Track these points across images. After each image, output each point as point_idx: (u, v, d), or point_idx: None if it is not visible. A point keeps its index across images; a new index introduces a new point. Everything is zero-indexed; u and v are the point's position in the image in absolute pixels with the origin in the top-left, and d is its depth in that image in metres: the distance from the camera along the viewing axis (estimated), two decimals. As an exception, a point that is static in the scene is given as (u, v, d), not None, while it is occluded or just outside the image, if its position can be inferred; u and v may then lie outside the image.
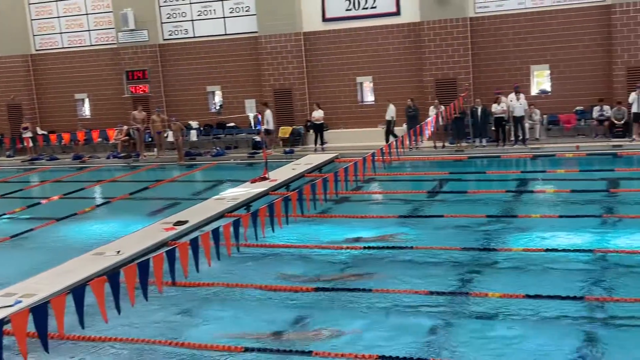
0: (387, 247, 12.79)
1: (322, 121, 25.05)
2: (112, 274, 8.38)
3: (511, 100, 22.79)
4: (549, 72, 24.04)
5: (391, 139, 22.19)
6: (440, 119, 20.47)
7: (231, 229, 10.27)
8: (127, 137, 27.31)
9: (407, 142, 17.04)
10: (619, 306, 9.54)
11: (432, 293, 10.34)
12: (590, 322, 9.13)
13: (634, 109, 21.33)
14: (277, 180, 18.05)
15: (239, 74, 27.30)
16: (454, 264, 11.77)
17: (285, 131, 26.40)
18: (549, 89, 24.24)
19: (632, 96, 21.31)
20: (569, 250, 11.77)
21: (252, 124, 25.79)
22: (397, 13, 25.15)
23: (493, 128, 23.29)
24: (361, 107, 25.76)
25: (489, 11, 24.09)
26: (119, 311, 8.10)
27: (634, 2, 21.99)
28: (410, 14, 24.86)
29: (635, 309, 9.38)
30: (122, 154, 26.75)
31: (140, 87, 28.09)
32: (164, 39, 28.06)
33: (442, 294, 10.35)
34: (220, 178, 21.54)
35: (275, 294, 10.86)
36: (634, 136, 21.55)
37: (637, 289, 10.08)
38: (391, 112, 24.15)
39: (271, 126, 25.00)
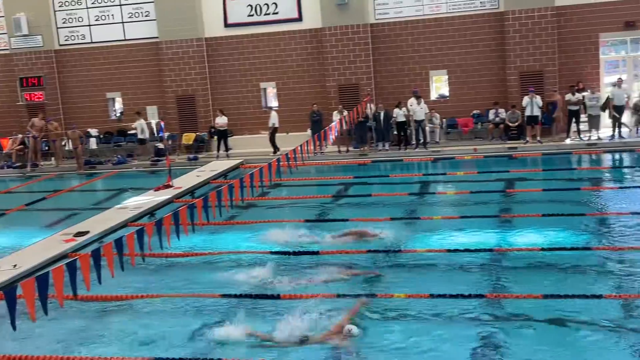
0: (294, 253, 12.80)
1: (226, 127, 24.86)
2: (8, 289, 8.02)
3: (411, 105, 23.32)
4: (447, 77, 24.77)
5: (294, 146, 22.24)
6: (344, 123, 20.72)
7: (135, 238, 10.03)
8: (21, 146, 26.23)
9: (312, 147, 17.14)
10: (512, 303, 9.89)
11: (339, 296, 10.43)
12: (492, 319, 9.41)
13: (528, 112, 22.25)
14: (181, 187, 17.80)
15: (140, 80, 26.75)
16: (362, 267, 11.90)
17: (188, 137, 26.06)
18: (447, 93, 24.98)
19: (525, 100, 22.22)
20: (470, 250, 12.14)
21: (155, 131, 25.33)
22: (299, 19, 25.31)
23: (395, 132, 23.77)
24: (266, 113, 25.73)
25: (388, 17, 24.60)
26: (14, 327, 7.76)
27: (525, 10, 22.96)
28: (311, 20, 25.07)
29: (529, 305, 9.75)
30: (17, 164, 25.67)
31: (36, 95, 27.02)
32: (60, 45, 27.14)
33: (350, 296, 10.44)
34: (122, 187, 21.02)
35: (182, 302, 10.68)
36: (527, 138, 22.48)
37: (534, 285, 10.50)
38: (273, 119, 24.09)
39: (147, 135, 24.92)
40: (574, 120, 22.20)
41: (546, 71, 23.08)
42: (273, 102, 26.63)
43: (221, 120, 24.75)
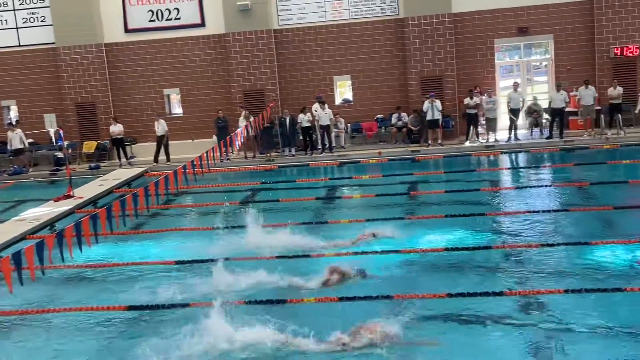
0: (202, 261, 12.64)
1: (122, 135, 24.22)
2: None
3: (316, 110, 23.51)
4: (350, 82, 25.12)
5: (200, 153, 22.00)
6: (250, 129, 20.66)
7: (34, 251, 9.65)
8: None
9: (218, 154, 17.00)
10: (419, 302, 10.13)
11: (249, 302, 10.39)
12: (404, 319, 9.59)
13: (429, 117, 22.84)
14: (83, 197, 17.29)
15: (37, 87, 25.80)
16: (277, 272, 11.87)
17: (89, 146, 25.33)
18: (351, 98, 25.32)
19: (426, 104, 22.81)
20: (377, 253, 12.33)
21: (54, 140, 24.46)
22: (202, 24, 25.08)
23: (301, 137, 23.90)
24: (170, 120, 25.34)
25: (292, 23, 24.74)
26: None
27: (424, 16, 23.58)
28: (215, 25, 24.89)
29: (435, 305, 10.00)
30: None
31: None
32: (-51, 50, 25.87)
33: (264, 302, 10.43)
34: (19, 198, 20.20)
35: (85, 316, 10.36)
36: (429, 141, 23.07)
37: (439, 284, 10.78)
38: (162, 126, 23.73)
39: (19, 145, 24.08)
40: (472, 123, 22.93)
41: (445, 76, 23.78)
42: (177, 109, 26.25)
43: (116, 129, 24.10)
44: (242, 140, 19.47)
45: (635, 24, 22.62)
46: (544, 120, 23.15)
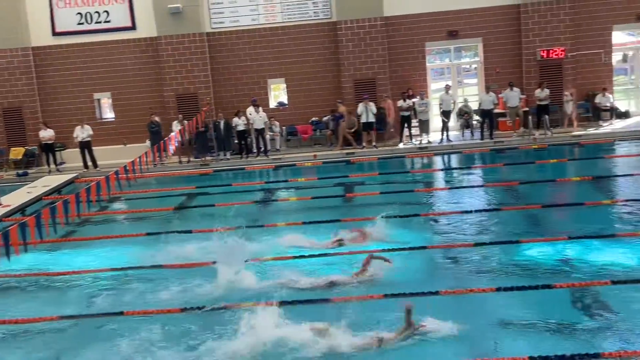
0: (137, 267, 12.44)
1: (52, 141, 23.59)
2: None
3: (250, 114, 23.42)
4: (285, 85, 25.12)
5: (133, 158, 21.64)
6: (184, 133, 20.44)
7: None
8: None
9: (152, 158, 16.76)
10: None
11: (185, 309, 10.27)
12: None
13: (363, 119, 23.03)
14: (10, 205, 16.79)
15: (-40, 91, 24.92)
16: (207, 280, 11.77)
17: (17, 152, 24.57)
18: (286, 101, 25.33)
19: (360, 107, 23.00)
20: (315, 256, 12.36)
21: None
22: (133, 28, 24.67)
23: (236, 141, 23.76)
24: (101, 125, 24.84)
25: (224, 27, 24.58)
26: None
27: (357, 20, 23.78)
28: (146, 28, 24.52)
29: (372, 305, 10.10)
30: None
31: None
32: None
33: (198, 309, 10.31)
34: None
35: (15, 328, 10.05)
36: (364, 144, 23.26)
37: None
38: (86, 131, 23.23)
39: None
40: (405, 125, 23.24)
41: (378, 79, 24.03)
42: (108, 113, 25.75)
43: (46, 134, 23.45)
44: (177, 144, 19.26)
45: (561, 27, 23.34)
46: (474, 122, 23.65)
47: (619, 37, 24.66)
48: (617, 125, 23.15)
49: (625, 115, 23.98)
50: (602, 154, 20.17)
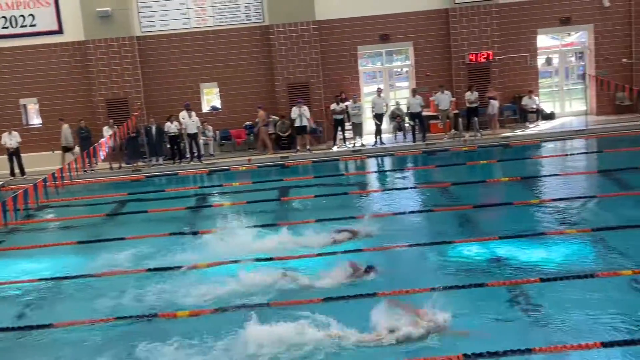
0: (64, 278, 12.13)
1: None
2: None
3: (183, 118, 23.16)
4: (218, 89, 24.94)
5: (61, 165, 21.13)
6: (115, 139, 20.07)
7: None
8: None
9: (81, 165, 16.39)
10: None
11: (119, 318, 10.08)
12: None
13: (297, 123, 23.07)
14: None
15: None
16: (141, 287, 11.59)
17: (-62, 161, 23.64)
18: (219, 105, 25.15)
19: (294, 111, 23.03)
20: (260, 260, 12.33)
21: None
22: (60, 32, 24.07)
23: (168, 146, 23.46)
24: (27, 131, 24.12)
25: (155, 30, 24.24)
26: None
27: (289, 24, 23.79)
28: (74, 32, 23.95)
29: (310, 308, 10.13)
30: None
31: None
32: None
33: (131, 317, 10.14)
34: None
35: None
36: (298, 147, 23.30)
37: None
38: (14, 137, 22.47)
39: None
40: (339, 128, 23.39)
41: (312, 82, 24.12)
42: (35, 119, 25.03)
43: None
44: (108, 150, 18.91)
45: (488, 31, 23.90)
46: (406, 125, 23.98)
47: (543, 40, 25.44)
48: (543, 126, 23.85)
49: (550, 116, 24.73)
50: (529, 154, 20.76)
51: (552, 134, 22.74)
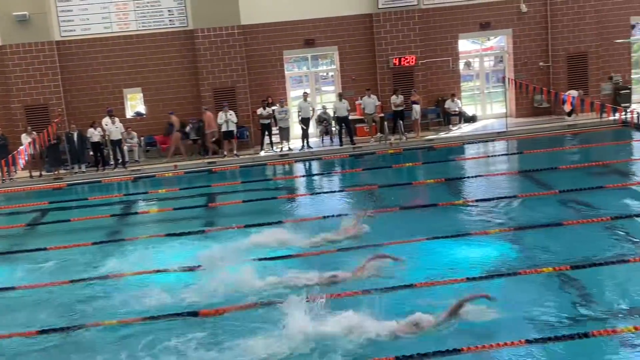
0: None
1: None
2: None
3: (106, 124, 22.67)
4: (142, 94, 24.51)
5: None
6: (34, 146, 19.47)
7: None
8: None
9: (-1, 174, 15.85)
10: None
11: (42, 332, 9.79)
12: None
13: (224, 128, 22.90)
14: None
15: None
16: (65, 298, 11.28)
17: None
18: (143, 111, 24.72)
19: (220, 116, 22.85)
20: (177, 269, 12.16)
21: None
22: (-25, 35, 23.24)
23: (91, 153, 22.92)
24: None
25: (75, 35, 23.65)
26: None
27: (214, 28, 23.62)
28: (-11, 37, 23.18)
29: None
30: None
31: None
32: None
33: (56, 330, 9.87)
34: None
35: None
36: (225, 153, 23.13)
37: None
38: None
39: None
40: (266, 133, 23.35)
41: (238, 87, 24.00)
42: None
43: None
44: (27, 158, 18.33)
45: (411, 36, 24.31)
46: (333, 129, 24.14)
47: (464, 45, 26.07)
48: (466, 128, 24.43)
49: (472, 119, 25.35)
50: (453, 156, 21.21)
51: (474, 136, 23.31)
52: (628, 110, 22.26)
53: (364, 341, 8.93)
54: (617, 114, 21.87)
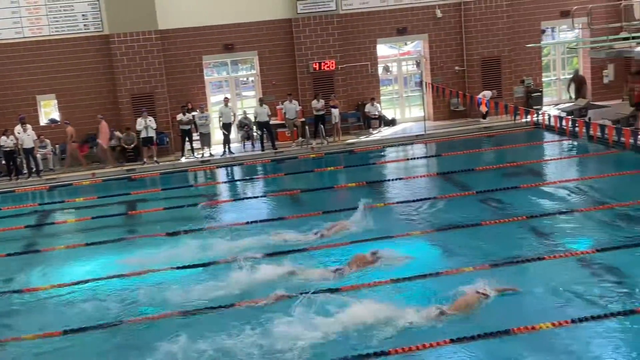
0: None
1: None
2: None
3: (18, 132, 21.90)
4: (56, 101, 23.81)
5: None
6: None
7: None
8: None
9: None
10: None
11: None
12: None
13: (143, 134, 22.49)
14: None
15: None
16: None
17: None
18: (58, 118, 24.00)
19: (139, 122, 22.43)
20: (99, 279, 11.89)
21: None
22: None
23: (4, 162, 22.09)
24: None
25: (-16, 40, 22.82)
26: None
27: (130, 33, 23.18)
28: None
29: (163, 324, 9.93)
30: None
31: None
32: None
33: None
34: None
35: None
36: (144, 159, 22.72)
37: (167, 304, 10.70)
38: None
39: None
40: (187, 139, 23.07)
41: (157, 93, 23.61)
42: None
43: None
44: None
45: (330, 41, 24.49)
46: (255, 134, 24.08)
47: (382, 49, 26.47)
48: (386, 132, 24.77)
49: (392, 122, 25.73)
50: (373, 159, 21.51)
51: (394, 139, 23.68)
52: (539, 113, 23.05)
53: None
54: (529, 116, 22.64)
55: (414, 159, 21.43)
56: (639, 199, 14.30)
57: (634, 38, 20.04)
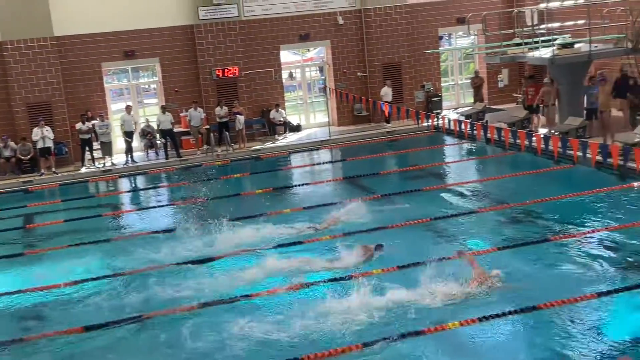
0: None
1: None
2: None
3: None
4: (-55, 111, 22.67)
5: None
6: None
7: None
8: None
9: None
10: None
11: None
12: None
13: (40, 145, 21.70)
14: None
15: None
16: None
17: None
18: (-52, 129, 22.84)
19: (36, 132, 21.60)
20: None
21: None
22: None
23: None
24: None
25: None
26: None
27: (24, 40, 22.27)
28: None
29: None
30: None
31: None
32: None
33: None
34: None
35: None
36: (42, 170, 21.92)
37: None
38: None
39: None
40: (87, 148, 22.42)
41: (54, 101, 22.84)
42: None
43: None
44: None
45: (233, 47, 24.41)
46: (158, 142, 23.66)
47: (286, 56, 26.58)
48: (291, 138, 24.88)
49: (297, 128, 25.87)
50: (279, 165, 21.55)
51: (300, 145, 23.82)
52: (439, 117, 23.71)
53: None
54: (430, 121, 23.26)
55: (320, 164, 21.63)
56: (535, 198, 14.94)
57: (526, 44, 20.93)
